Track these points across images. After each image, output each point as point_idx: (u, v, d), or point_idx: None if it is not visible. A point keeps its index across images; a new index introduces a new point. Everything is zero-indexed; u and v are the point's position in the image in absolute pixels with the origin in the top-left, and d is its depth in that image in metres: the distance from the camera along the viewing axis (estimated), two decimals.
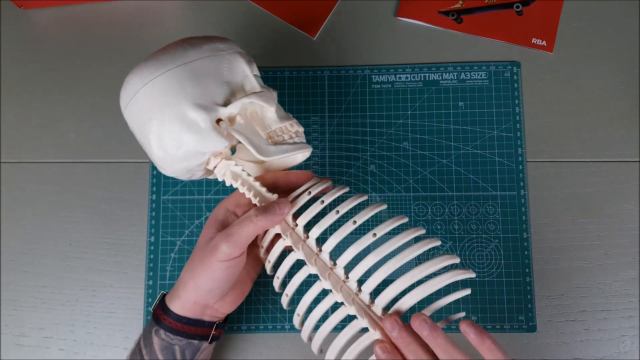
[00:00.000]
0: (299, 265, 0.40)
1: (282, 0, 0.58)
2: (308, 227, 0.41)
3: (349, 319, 0.38)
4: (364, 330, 0.38)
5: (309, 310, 0.40)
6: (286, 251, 0.42)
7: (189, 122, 0.38)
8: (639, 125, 0.55)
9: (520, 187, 0.54)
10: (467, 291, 0.37)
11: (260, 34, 0.58)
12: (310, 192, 0.41)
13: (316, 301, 0.40)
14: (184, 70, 0.39)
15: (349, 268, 0.39)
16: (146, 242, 0.53)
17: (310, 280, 0.40)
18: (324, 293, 0.39)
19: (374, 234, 0.38)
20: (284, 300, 0.42)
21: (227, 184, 0.42)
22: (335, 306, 0.39)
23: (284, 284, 0.42)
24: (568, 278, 0.52)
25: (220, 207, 0.43)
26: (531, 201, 0.54)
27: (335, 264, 0.39)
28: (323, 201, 0.40)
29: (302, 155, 0.44)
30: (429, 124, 0.55)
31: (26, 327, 0.52)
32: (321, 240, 0.40)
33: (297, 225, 0.41)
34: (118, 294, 0.53)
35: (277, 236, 0.42)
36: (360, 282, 0.38)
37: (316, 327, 0.40)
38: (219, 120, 0.40)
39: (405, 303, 0.37)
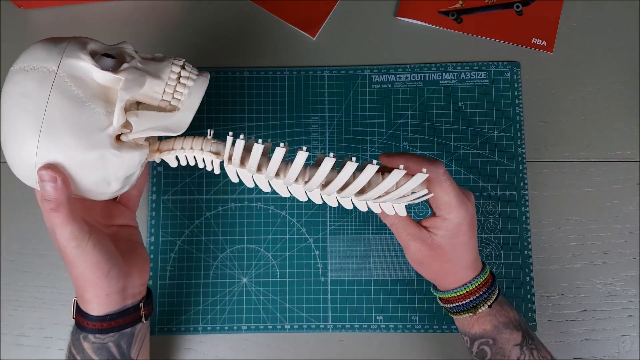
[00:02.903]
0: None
1: (282, 0, 0.58)
2: None
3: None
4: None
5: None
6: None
7: (91, 167, 0.35)
8: (639, 125, 0.55)
9: (520, 187, 0.54)
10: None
11: (260, 34, 0.58)
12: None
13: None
14: (44, 132, 0.34)
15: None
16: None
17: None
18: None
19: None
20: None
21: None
22: None
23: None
24: (568, 278, 0.52)
25: None
26: (531, 201, 0.54)
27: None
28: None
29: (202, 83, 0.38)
30: (429, 124, 0.55)
31: (26, 327, 0.52)
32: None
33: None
34: None
35: None
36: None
37: None
38: (118, 138, 0.36)
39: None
